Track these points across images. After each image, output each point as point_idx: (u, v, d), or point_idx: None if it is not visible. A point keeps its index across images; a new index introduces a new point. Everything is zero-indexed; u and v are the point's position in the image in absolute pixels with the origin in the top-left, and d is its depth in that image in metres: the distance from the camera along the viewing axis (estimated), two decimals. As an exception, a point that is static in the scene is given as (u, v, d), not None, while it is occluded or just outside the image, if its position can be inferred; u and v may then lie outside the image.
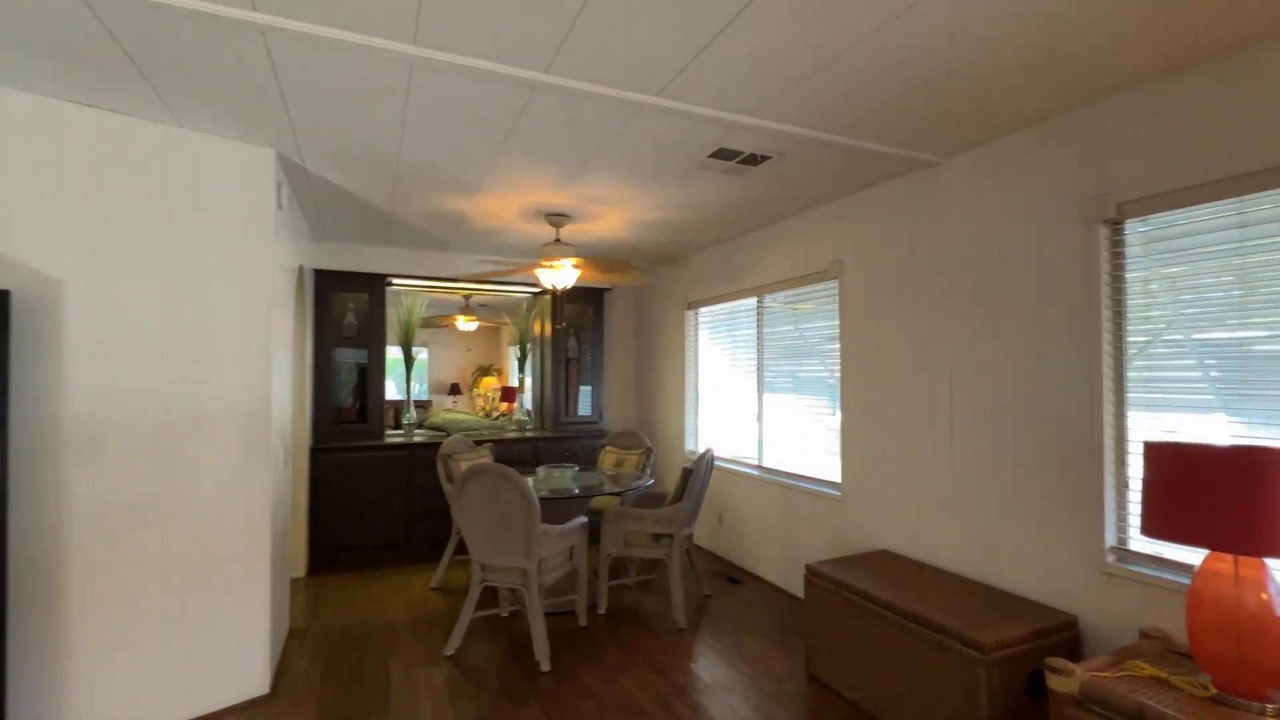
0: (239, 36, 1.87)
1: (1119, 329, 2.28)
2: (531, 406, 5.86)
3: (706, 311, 5.12)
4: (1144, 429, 2.22)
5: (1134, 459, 2.24)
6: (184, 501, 2.51)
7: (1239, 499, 1.55)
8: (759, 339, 4.40)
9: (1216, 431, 2.02)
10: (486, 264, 3.74)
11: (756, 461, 4.40)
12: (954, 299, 2.88)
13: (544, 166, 3.01)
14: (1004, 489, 2.63)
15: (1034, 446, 2.51)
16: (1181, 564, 2.08)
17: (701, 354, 5.21)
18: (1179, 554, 2.09)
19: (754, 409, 4.46)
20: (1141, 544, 2.21)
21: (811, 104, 2.32)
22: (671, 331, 5.52)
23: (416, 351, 5.47)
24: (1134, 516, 2.24)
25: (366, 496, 4.55)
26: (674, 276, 5.47)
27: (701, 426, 5.19)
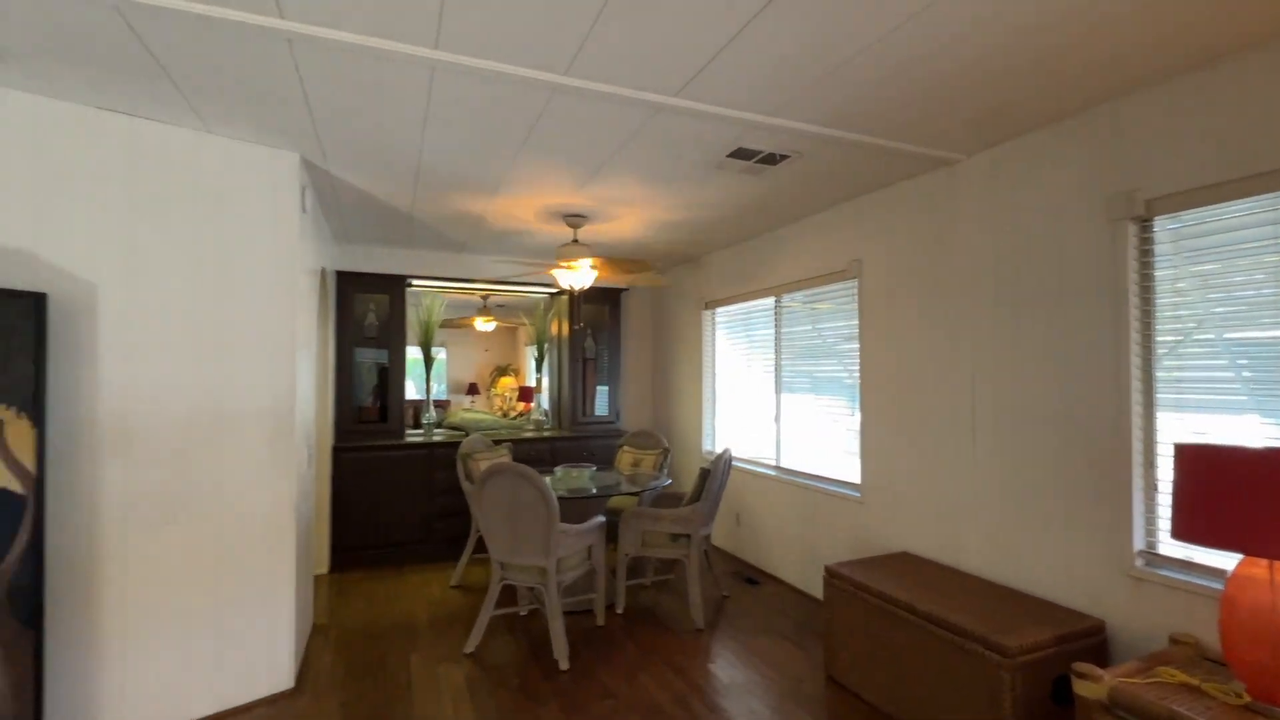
0: (266, 44, 1.91)
1: (1147, 328, 2.24)
2: (549, 406, 5.89)
3: (723, 311, 5.11)
4: (1174, 430, 2.17)
5: (1163, 461, 2.20)
6: (211, 498, 2.57)
7: (1274, 502, 1.51)
8: (777, 339, 4.38)
9: (1249, 433, 1.98)
10: (505, 265, 3.77)
11: (774, 462, 4.38)
12: (976, 298, 2.84)
13: (562, 168, 3.03)
14: (1028, 491, 2.59)
15: (1059, 448, 2.47)
16: (1213, 569, 2.03)
17: (718, 354, 5.20)
18: (1211, 558, 2.05)
19: (772, 409, 4.44)
20: (1171, 548, 2.16)
21: (830, 103, 2.31)
22: (688, 331, 5.51)
23: (435, 352, 5.52)
24: (1163, 520, 2.20)
25: (387, 495, 4.61)
26: (691, 276, 5.46)
27: (718, 427, 5.18)
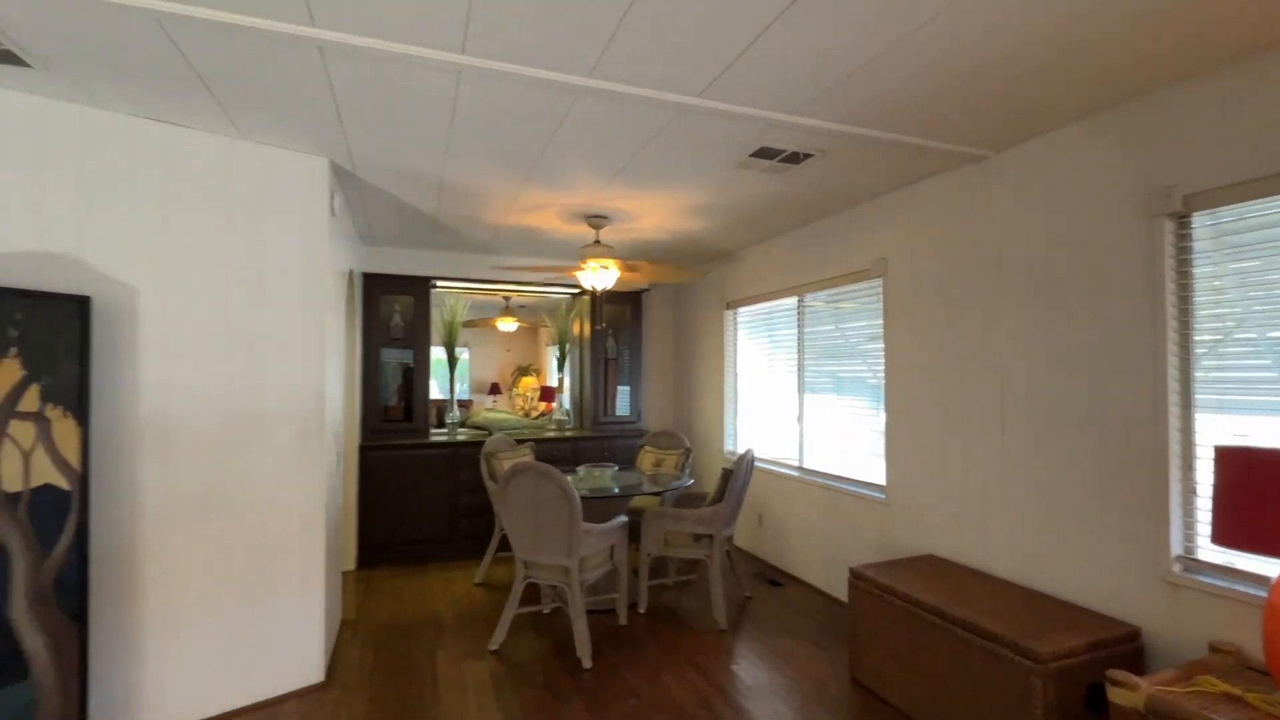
0: (298, 52, 1.95)
1: (1185, 327, 2.18)
2: (570, 406, 5.92)
3: (745, 311, 5.09)
4: (1213, 432, 2.11)
5: (1202, 464, 2.14)
6: (246, 495, 2.63)
7: (1322, 507, 1.46)
8: (799, 339, 4.35)
9: (1295, 435, 1.91)
10: (527, 266, 3.81)
11: (797, 463, 4.35)
12: (1005, 296, 2.79)
13: (585, 169, 3.04)
14: (1060, 493, 2.53)
15: (1092, 450, 2.41)
16: (1255, 575, 1.97)
17: (740, 354, 5.18)
18: (1253, 564, 1.98)
19: (794, 410, 4.41)
20: (1211, 553, 2.10)
21: (854, 101, 2.29)
22: (710, 331, 5.50)
23: (458, 352, 5.59)
24: (1202, 524, 2.14)
25: (412, 493, 4.68)
26: (712, 276, 5.45)
27: (740, 427, 5.16)
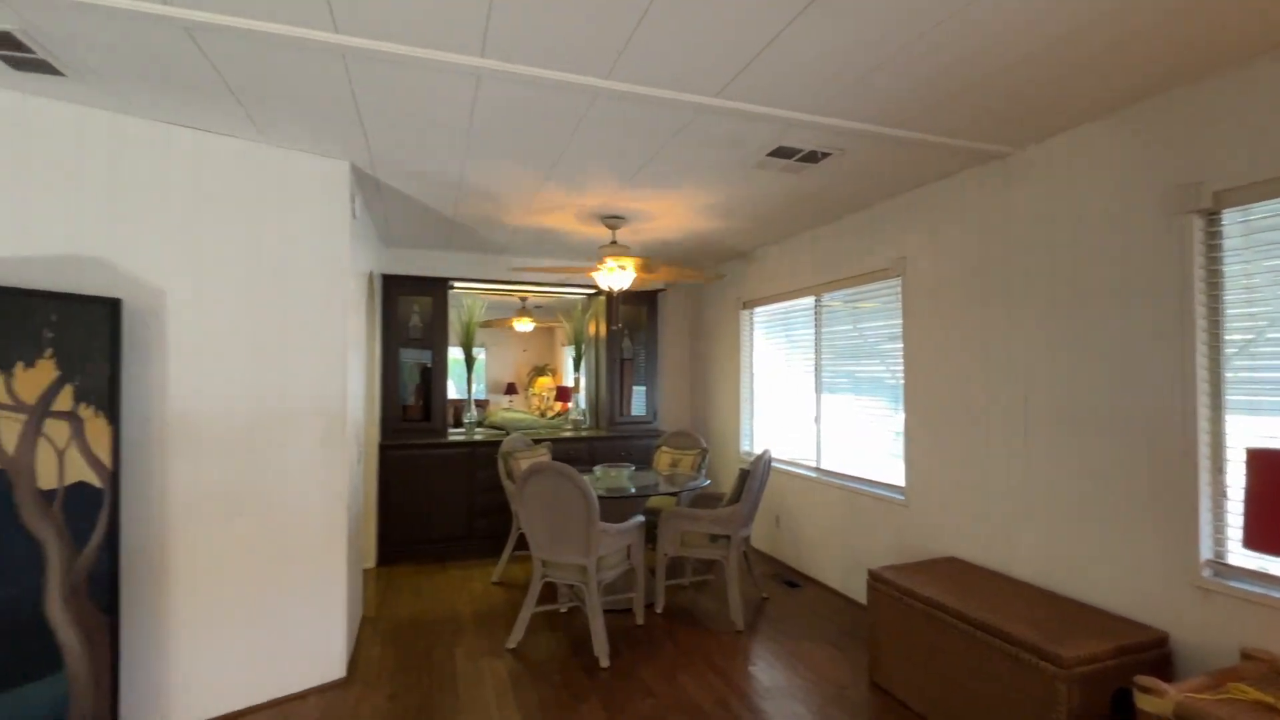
0: (322, 58, 1.98)
1: (1215, 326, 2.13)
2: (586, 406, 5.94)
3: (762, 311, 5.07)
4: (1245, 434, 2.06)
5: (1233, 466, 2.09)
6: (270, 494, 2.68)
7: (1360, 512, 1.42)
8: (817, 339, 4.32)
9: (1331, 438, 1.86)
10: (545, 266, 3.83)
11: (814, 464, 4.33)
12: (1028, 296, 2.75)
13: (602, 170, 3.05)
14: (1084, 496, 2.49)
15: (1118, 451, 2.37)
16: (1290, 581, 1.93)
17: (756, 354, 5.16)
18: (1287, 570, 1.94)
19: (811, 410, 4.38)
20: (1243, 558, 2.05)
21: (874, 99, 2.27)
22: (726, 331, 5.49)
23: (475, 352, 5.64)
24: (1233, 528, 2.09)
25: (430, 492, 4.73)
26: (729, 276, 5.43)
27: (757, 427, 5.14)
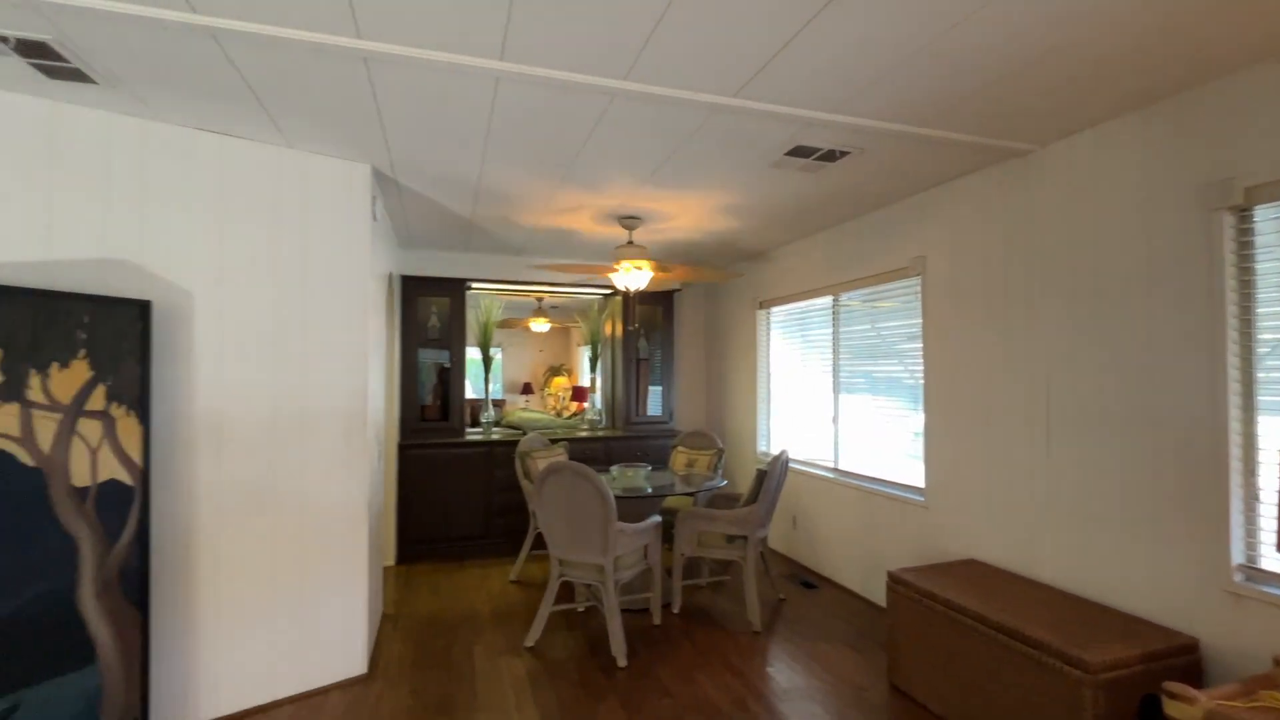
0: (344, 63, 2.02)
1: (1247, 325, 2.08)
2: (602, 406, 5.95)
3: (778, 311, 5.04)
4: (1278, 436, 2.01)
5: (1265, 469, 2.04)
6: (293, 492, 2.73)
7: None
8: (834, 338, 4.29)
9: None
10: (561, 266, 3.85)
11: (832, 464, 4.30)
12: (1051, 295, 2.71)
13: (620, 170, 3.06)
14: (1110, 498, 2.45)
15: (1145, 454, 2.33)
16: (1325, 586, 1.88)
17: (773, 354, 5.13)
18: (1322, 575, 1.89)
19: (829, 410, 4.35)
20: (1276, 562, 2.00)
21: (894, 97, 2.25)
22: (742, 331, 5.47)
23: (492, 352, 5.68)
24: (1266, 532, 2.04)
25: (449, 491, 4.77)
26: (745, 276, 5.41)
27: (773, 427, 5.12)
